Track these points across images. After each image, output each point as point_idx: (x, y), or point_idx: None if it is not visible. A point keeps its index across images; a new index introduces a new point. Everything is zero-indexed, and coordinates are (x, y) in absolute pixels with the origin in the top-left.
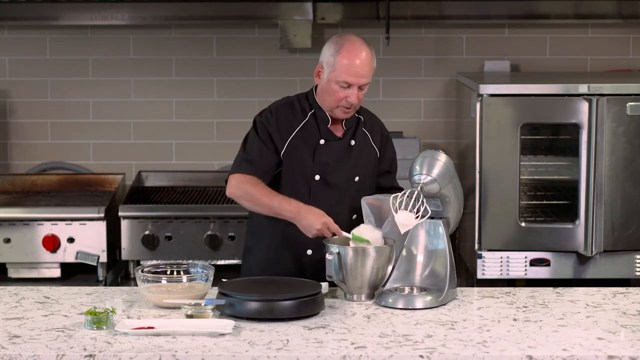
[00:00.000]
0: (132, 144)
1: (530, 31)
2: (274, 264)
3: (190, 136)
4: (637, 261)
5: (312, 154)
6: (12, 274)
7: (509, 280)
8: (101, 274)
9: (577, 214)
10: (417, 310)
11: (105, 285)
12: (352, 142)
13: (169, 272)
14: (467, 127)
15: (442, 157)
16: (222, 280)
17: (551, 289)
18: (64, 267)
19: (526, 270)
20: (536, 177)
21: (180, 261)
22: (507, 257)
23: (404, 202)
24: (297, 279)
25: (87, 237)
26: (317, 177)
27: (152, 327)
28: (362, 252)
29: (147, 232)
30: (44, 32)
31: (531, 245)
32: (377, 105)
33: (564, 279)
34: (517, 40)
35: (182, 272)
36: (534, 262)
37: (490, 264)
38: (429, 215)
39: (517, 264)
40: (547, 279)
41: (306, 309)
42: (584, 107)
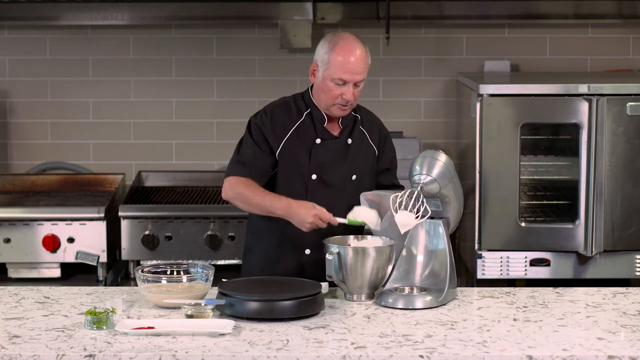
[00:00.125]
0: (132, 144)
1: (530, 31)
2: (273, 264)
3: (190, 136)
4: (637, 261)
5: (309, 153)
6: (12, 274)
7: (509, 280)
8: (101, 274)
9: (577, 214)
10: (417, 310)
11: (105, 285)
12: (349, 141)
13: (169, 272)
14: (467, 127)
15: (442, 157)
16: (222, 280)
17: (551, 289)
18: (64, 267)
19: (526, 270)
20: (536, 177)
21: (180, 261)
22: (507, 257)
23: (404, 202)
24: (297, 279)
25: (87, 237)
26: (314, 176)
27: (152, 327)
28: (362, 252)
29: (147, 232)
30: (44, 32)
31: (531, 245)
32: (377, 105)
33: (564, 279)
34: (517, 40)
35: (182, 272)
36: (534, 262)
37: (490, 264)
38: (429, 215)
39: (517, 264)
40: (547, 279)
41: (306, 309)
42: (584, 107)
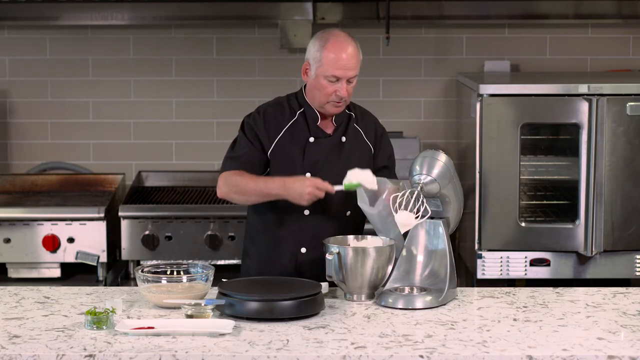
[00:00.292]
0: (132, 144)
1: (530, 31)
2: (270, 264)
3: (190, 136)
4: (637, 261)
5: (302, 152)
6: (12, 274)
7: (509, 280)
8: (101, 274)
9: (577, 214)
10: (417, 310)
11: (105, 285)
12: (343, 139)
13: (169, 272)
14: (467, 127)
15: (442, 157)
16: (222, 280)
17: (551, 289)
18: (64, 267)
19: (526, 270)
20: (536, 177)
21: (180, 261)
22: (507, 257)
23: (404, 202)
24: (297, 279)
25: (87, 237)
26: (308, 174)
27: (152, 327)
28: (362, 252)
29: (147, 232)
30: (44, 32)
31: (531, 245)
32: (377, 105)
33: (564, 279)
34: (517, 40)
35: (182, 272)
36: (534, 262)
37: (490, 264)
38: (429, 215)
39: (517, 264)
40: (547, 279)
41: (306, 309)
42: (584, 107)
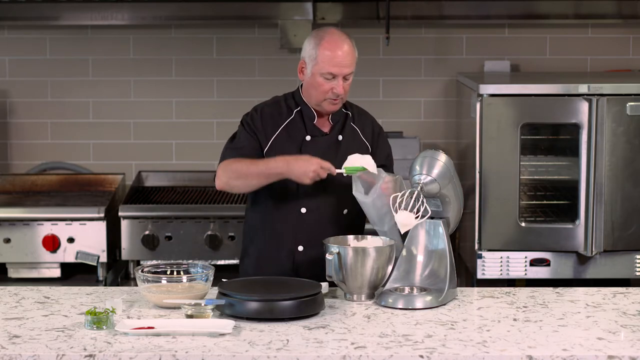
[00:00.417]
0: (132, 144)
1: (530, 31)
2: (267, 262)
3: (190, 136)
4: (637, 261)
5: (299, 150)
6: (12, 274)
7: (509, 280)
8: (101, 274)
9: (577, 214)
10: (417, 310)
11: (105, 285)
12: (339, 137)
13: (169, 272)
14: (467, 127)
15: (442, 157)
16: (222, 280)
17: (551, 289)
18: (64, 267)
19: (526, 270)
20: (536, 177)
21: (180, 261)
22: (507, 257)
23: (404, 202)
24: (297, 279)
25: (87, 237)
26: None
27: (152, 327)
28: (362, 252)
29: (147, 232)
30: (44, 32)
31: (531, 245)
32: (377, 105)
33: (564, 279)
34: (517, 40)
35: (182, 272)
36: (534, 262)
37: (490, 264)
38: (429, 215)
39: (517, 264)
40: (547, 279)
41: (306, 309)
42: (584, 107)
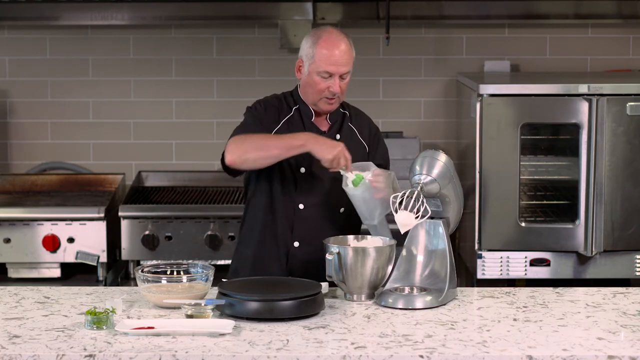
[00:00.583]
0: (132, 144)
1: (530, 31)
2: (262, 255)
3: (190, 136)
4: (637, 261)
5: None
6: (12, 274)
7: (509, 280)
8: (101, 274)
9: (577, 214)
10: (417, 310)
11: (105, 285)
12: (337, 137)
13: (169, 272)
14: (467, 127)
15: (442, 157)
16: (222, 280)
17: (551, 289)
18: (64, 267)
19: (526, 270)
20: (536, 177)
21: (180, 261)
22: (507, 257)
23: (404, 202)
24: (297, 279)
25: (87, 237)
26: (303, 169)
27: (152, 327)
28: (362, 252)
29: (147, 232)
30: (44, 32)
31: (531, 245)
32: (377, 105)
33: (564, 279)
34: (517, 40)
35: (182, 272)
36: (534, 262)
37: (490, 264)
38: (429, 215)
39: (517, 264)
40: (547, 279)
41: (306, 309)
42: (584, 107)
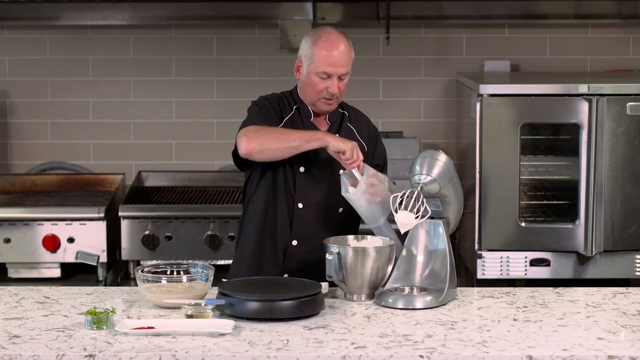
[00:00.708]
0: (132, 144)
1: (530, 31)
2: (260, 254)
3: (190, 136)
4: (637, 261)
5: None
6: (12, 274)
7: (509, 280)
8: (101, 274)
9: (577, 214)
10: (417, 310)
11: (105, 285)
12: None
13: (169, 272)
14: (467, 127)
15: (442, 157)
16: (222, 280)
17: (551, 289)
18: (64, 267)
19: (526, 270)
20: (536, 177)
21: (180, 261)
22: (507, 257)
23: (404, 202)
24: (297, 279)
25: (87, 237)
26: (302, 169)
27: (152, 327)
28: (362, 252)
29: (147, 232)
30: (44, 32)
31: (531, 245)
32: (377, 105)
33: (564, 279)
34: (517, 40)
35: (182, 272)
36: (534, 262)
37: (490, 264)
38: (429, 215)
39: (517, 264)
40: (547, 279)
41: (306, 309)
42: (584, 107)
